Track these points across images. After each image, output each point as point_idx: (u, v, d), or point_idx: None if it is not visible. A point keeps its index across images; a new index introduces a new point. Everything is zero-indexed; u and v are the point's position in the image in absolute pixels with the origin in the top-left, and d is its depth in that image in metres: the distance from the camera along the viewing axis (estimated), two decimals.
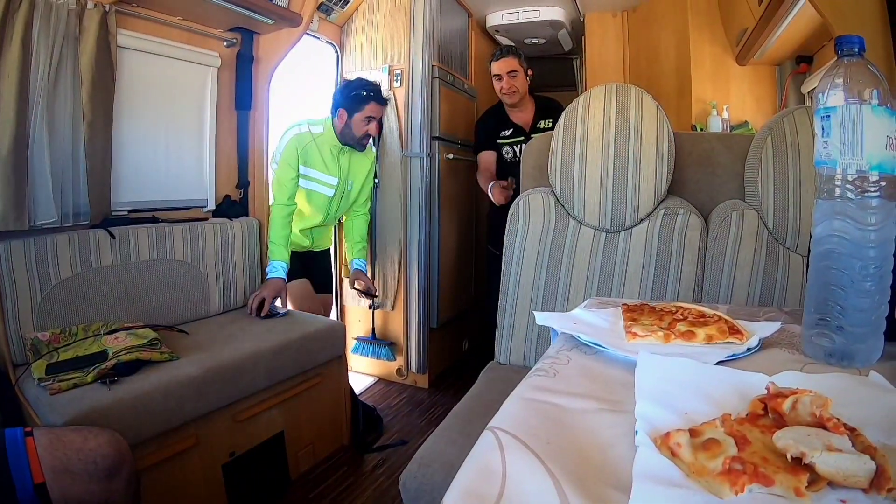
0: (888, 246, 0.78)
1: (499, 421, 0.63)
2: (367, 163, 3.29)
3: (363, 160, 3.25)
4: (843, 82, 0.78)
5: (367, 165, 3.29)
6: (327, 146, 3.05)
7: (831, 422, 0.51)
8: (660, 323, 0.92)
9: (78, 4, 2.13)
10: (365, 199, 3.37)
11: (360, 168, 3.25)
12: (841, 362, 0.80)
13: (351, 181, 3.21)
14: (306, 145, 2.99)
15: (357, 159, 3.21)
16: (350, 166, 3.18)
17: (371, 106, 2.99)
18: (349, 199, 3.27)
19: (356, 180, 3.24)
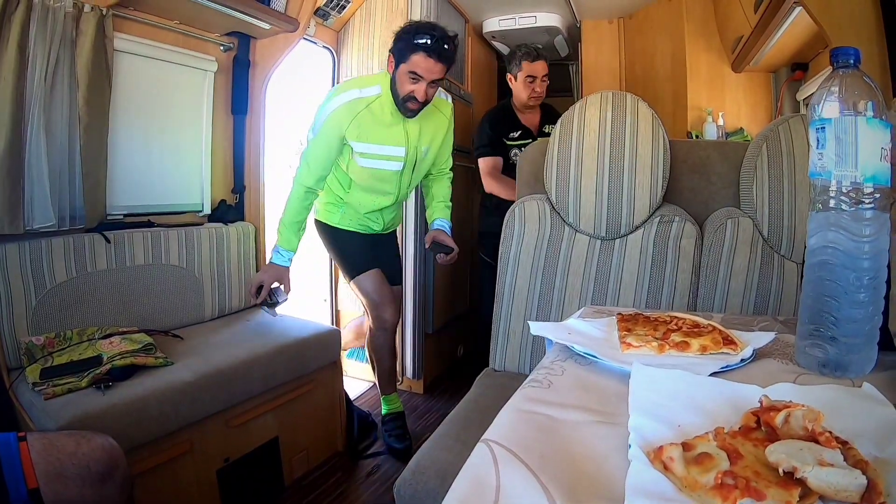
0: (882, 257, 0.79)
1: (493, 433, 0.63)
2: (442, 122, 2.67)
3: (437, 119, 2.64)
4: (838, 94, 0.79)
5: (442, 125, 2.68)
6: (388, 110, 2.47)
7: (823, 436, 0.52)
8: (654, 333, 0.92)
9: (75, 8, 2.13)
10: (445, 161, 2.84)
11: (435, 130, 2.65)
12: (835, 373, 0.80)
13: (426, 147, 2.63)
14: (358, 115, 2.43)
15: (430, 120, 2.60)
16: (421, 131, 2.58)
17: (418, 58, 2.33)
18: (423, 168, 2.73)
19: (433, 145, 2.66)
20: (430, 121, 2.60)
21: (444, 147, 2.76)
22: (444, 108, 2.68)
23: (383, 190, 2.68)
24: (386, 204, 2.74)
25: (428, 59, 2.32)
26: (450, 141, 2.77)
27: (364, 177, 2.62)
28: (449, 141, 2.76)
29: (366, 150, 2.50)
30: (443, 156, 2.79)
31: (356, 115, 2.42)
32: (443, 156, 2.79)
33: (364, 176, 2.61)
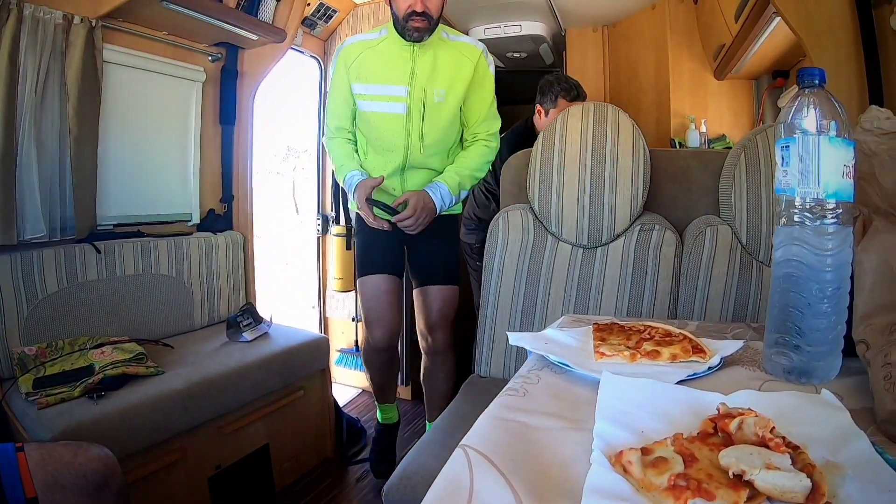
0: (845, 269, 0.82)
1: (470, 439, 0.67)
2: (465, 66, 2.29)
3: (459, 61, 2.29)
4: (803, 113, 0.82)
5: (466, 70, 2.29)
6: (394, 48, 2.26)
7: (773, 441, 0.55)
8: (627, 342, 0.96)
9: (65, 19, 2.16)
10: (479, 122, 2.38)
11: (456, 73, 2.28)
12: (800, 379, 0.83)
13: (441, 90, 2.26)
14: (360, 55, 2.29)
15: (448, 60, 2.27)
16: (436, 70, 2.26)
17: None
18: (443, 118, 2.31)
19: (452, 91, 2.28)
20: (448, 60, 2.28)
21: (474, 101, 2.35)
22: (469, 52, 2.31)
23: (392, 143, 2.33)
24: (396, 164, 2.34)
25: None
26: (484, 96, 2.36)
27: (370, 129, 2.37)
28: (482, 95, 2.35)
29: (365, 92, 2.29)
30: (474, 113, 2.37)
31: (358, 56, 2.29)
32: (474, 113, 2.37)
33: (370, 128, 2.36)
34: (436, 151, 2.37)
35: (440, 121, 2.31)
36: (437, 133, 2.33)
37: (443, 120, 2.31)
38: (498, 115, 2.43)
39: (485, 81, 2.35)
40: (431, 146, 2.34)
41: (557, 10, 4.01)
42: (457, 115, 2.36)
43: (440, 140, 2.36)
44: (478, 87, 2.33)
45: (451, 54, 2.28)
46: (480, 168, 2.39)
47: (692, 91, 3.70)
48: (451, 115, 2.33)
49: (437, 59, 2.26)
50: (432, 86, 2.25)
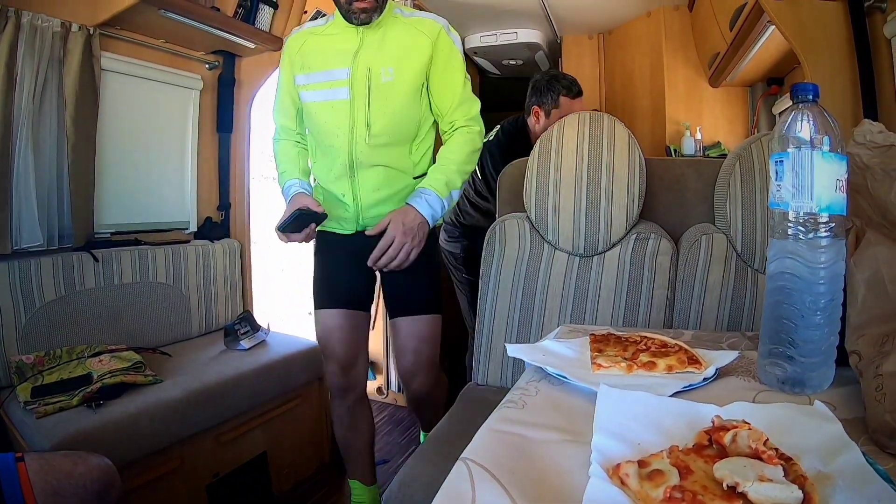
0: (838, 281, 0.83)
1: (470, 452, 0.68)
2: (422, 44, 1.96)
3: (414, 38, 1.97)
4: (796, 129, 0.83)
5: (422, 48, 1.96)
6: (339, 31, 1.99)
7: (766, 454, 0.57)
8: (623, 353, 0.97)
9: (62, 27, 2.17)
10: (449, 107, 2.03)
11: (409, 50, 1.97)
12: (794, 389, 0.84)
13: (391, 68, 1.94)
14: (302, 46, 2.05)
15: (400, 37, 1.97)
16: (383, 47, 1.96)
17: None
18: (396, 101, 1.96)
19: (405, 70, 1.95)
20: (399, 36, 1.97)
21: (443, 84, 2.02)
22: (427, 28, 1.98)
23: (335, 137, 1.99)
24: (343, 160, 1.99)
25: None
26: (453, 77, 2.02)
27: (313, 123, 2.07)
28: (451, 77, 2.02)
29: (307, 82, 2.02)
30: (445, 98, 2.03)
31: (302, 45, 2.04)
32: (445, 98, 2.03)
33: (313, 122, 2.07)
34: (389, 142, 1.98)
35: (390, 104, 1.96)
36: (386, 118, 1.96)
37: (394, 102, 1.96)
38: (475, 97, 2.10)
39: (451, 60, 2.02)
40: (382, 135, 1.96)
41: (553, 18, 4.02)
42: (414, 100, 1.99)
43: (392, 127, 1.98)
44: (443, 68, 2.00)
45: (405, 30, 1.98)
46: (468, 159, 2.02)
47: (687, 98, 3.73)
48: (405, 97, 1.97)
49: (386, 35, 1.96)
50: (379, 63, 1.93)
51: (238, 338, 2.56)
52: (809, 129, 0.82)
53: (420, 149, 2.09)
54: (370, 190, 2.02)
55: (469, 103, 2.06)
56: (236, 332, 2.57)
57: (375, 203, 2.03)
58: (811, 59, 2.10)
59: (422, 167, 2.09)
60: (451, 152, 2.01)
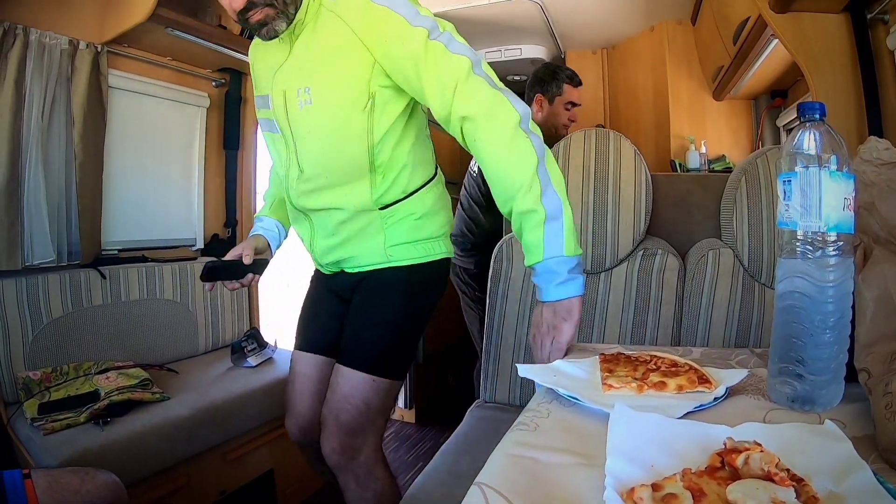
0: (846, 299, 0.83)
1: (485, 477, 0.68)
2: (337, 28, 1.42)
3: (331, 26, 1.44)
4: (804, 148, 0.84)
5: (338, 33, 1.42)
6: (276, 43, 1.51)
7: (778, 476, 0.57)
8: (634, 374, 0.97)
9: (70, 45, 2.19)
10: (440, 95, 1.36)
11: (328, 47, 1.45)
12: (804, 407, 0.84)
13: (307, 87, 1.46)
14: (253, 59, 1.69)
15: (322, 31, 1.46)
16: (308, 51, 1.48)
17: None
18: (321, 132, 1.49)
19: (323, 78, 1.45)
20: (320, 38, 1.47)
21: (397, 74, 1.43)
22: (341, 7, 1.43)
23: (283, 175, 1.66)
24: (291, 194, 1.64)
25: None
26: (404, 57, 1.38)
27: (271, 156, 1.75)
28: (399, 59, 1.39)
29: (257, 106, 1.67)
30: (417, 94, 1.44)
31: (253, 58, 1.70)
32: (417, 94, 1.44)
33: (270, 154, 1.75)
34: (329, 183, 1.55)
35: (315, 137, 1.51)
36: (315, 157, 1.54)
37: (319, 135, 1.51)
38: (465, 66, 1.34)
39: (386, 30, 1.38)
40: (317, 177, 1.55)
41: (557, 34, 4.04)
42: (350, 126, 1.47)
43: (327, 167, 1.53)
44: (388, 49, 1.40)
45: (327, 24, 1.46)
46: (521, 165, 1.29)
47: (691, 112, 3.72)
48: (335, 124, 1.48)
49: (311, 39, 1.48)
50: (294, 84, 1.48)
51: (245, 355, 2.56)
52: (816, 148, 0.83)
53: (388, 176, 1.55)
54: (323, 236, 1.65)
55: (468, 81, 1.35)
56: (243, 350, 2.57)
57: (329, 249, 1.66)
58: (814, 71, 2.10)
59: (393, 194, 1.57)
60: (498, 178, 1.35)
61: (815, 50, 2.09)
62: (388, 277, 1.62)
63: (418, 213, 1.61)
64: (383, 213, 1.57)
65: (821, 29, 2.07)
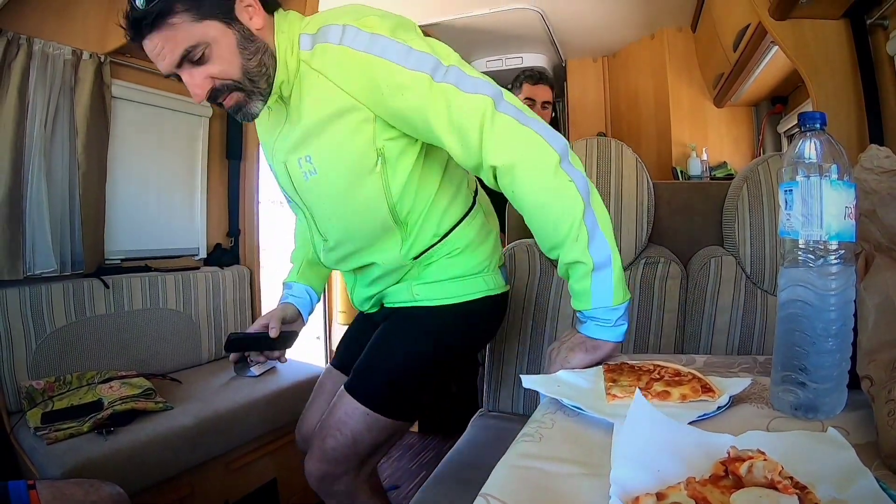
0: (849, 307, 0.84)
1: (490, 487, 0.68)
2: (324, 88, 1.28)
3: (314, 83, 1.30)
4: (804, 158, 0.84)
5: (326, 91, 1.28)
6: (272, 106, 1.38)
7: (781, 484, 0.57)
8: (637, 383, 0.97)
9: (74, 55, 2.20)
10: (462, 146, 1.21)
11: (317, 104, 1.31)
12: (807, 415, 0.84)
13: (307, 156, 1.35)
14: (257, 129, 1.56)
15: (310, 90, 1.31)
16: (297, 117, 1.35)
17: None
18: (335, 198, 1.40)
19: (321, 146, 1.33)
20: (308, 97, 1.32)
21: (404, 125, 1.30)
22: (329, 67, 1.27)
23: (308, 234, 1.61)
24: (321, 259, 1.61)
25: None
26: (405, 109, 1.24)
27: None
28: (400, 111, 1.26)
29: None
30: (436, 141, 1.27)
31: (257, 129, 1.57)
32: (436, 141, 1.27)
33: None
34: (358, 248, 1.48)
35: (328, 206, 1.44)
36: (335, 224, 1.46)
37: (333, 206, 1.43)
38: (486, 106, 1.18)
39: (377, 82, 1.24)
40: (344, 244, 1.49)
41: (558, 42, 4.06)
42: (363, 190, 1.37)
43: (350, 234, 1.46)
44: (382, 101, 1.26)
45: (313, 84, 1.31)
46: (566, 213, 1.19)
47: (692, 119, 3.74)
48: (348, 190, 1.38)
49: (300, 104, 1.34)
50: (294, 153, 1.38)
51: (248, 364, 2.54)
52: (817, 157, 0.83)
53: (416, 226, 1.44)
54: (363, 286, 1.59)
55: (494, 124, 1.19)
56: (246, 359, 2.56)
57: (369, 298, 1.61)
58: (815, 78, 2.11)
59: (424, 241, 1.46)
60: (541, 228, 1.25)
61: (815, 56, 2.10)
62: (415, 314, 1.52)
63: (455, 251, 1.49)
64: (419, 261, 1.48)
65: (820, 35, 2.08)
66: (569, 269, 1.23)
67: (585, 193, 1.20)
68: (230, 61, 1.26)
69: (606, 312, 1.21)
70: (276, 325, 1.59)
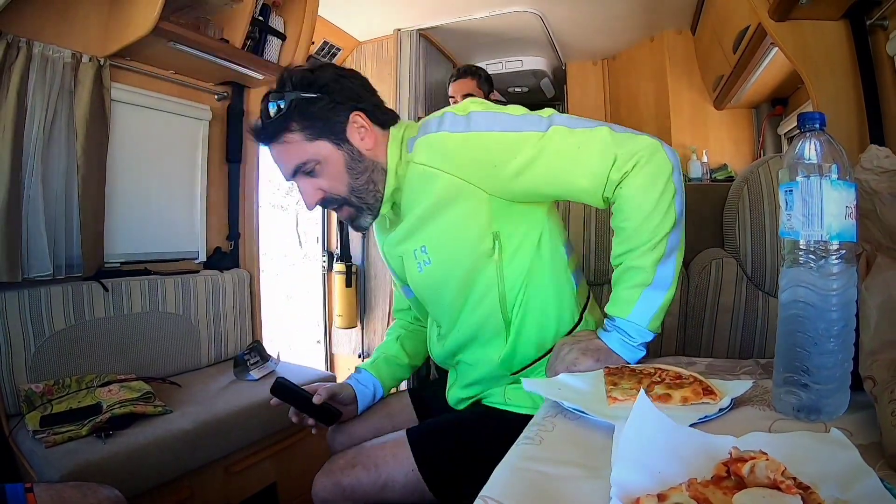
0: (850, 307, 0.83)
1: (489, 489, 0.68)
2: (433, 176, 1.32)
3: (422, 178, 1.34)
4: (805, 158, 0.84)
5: (436, 179, 1.31)
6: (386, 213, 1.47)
7: (784, 484, 0.56)
8: (638, 386, 0.96)
9: (73, 58, 2.19)
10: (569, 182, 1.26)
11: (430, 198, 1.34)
12: (809, 417, 0.84)
13: (423, 247, 1.39)
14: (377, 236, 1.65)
15: (413, 188, 1.38)
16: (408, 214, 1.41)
17: None
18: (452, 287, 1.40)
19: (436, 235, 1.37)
20: (415, 195, 1.38)
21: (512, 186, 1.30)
22: (430, 156, 1.33)
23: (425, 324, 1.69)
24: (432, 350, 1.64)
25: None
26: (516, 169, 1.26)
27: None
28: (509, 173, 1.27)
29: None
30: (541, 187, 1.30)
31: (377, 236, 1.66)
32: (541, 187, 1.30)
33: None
34: (466, 339, 1.47)
35: (446, 293, 1.43)
36: (452, 313, 1.46)
37: (447, 290, 1.43)
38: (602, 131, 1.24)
39: (491, 155, 1.28)
40: (454, 334, 1.49)
41: (558, 45, 4.06)
42: (477, 276, 1.38)
43: (461, 324, 1.46)
44: (495, 173, 1.29)
45: (423, 177, 1.35)
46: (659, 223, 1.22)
47: (692, 121, 3.75)
48: (460, 281, 1.39)
49: (413, 199, 1.40)
50: (408, 246, 1.43)
51: (248, 368, 2.55)
52: (817, 157, 0.83)
53: (521, 332, 1.42)
54: (461, 387, 1.56)
55: (616, 140, 1.24)
56: (246, 363, 2.56)
57: (464, 400, 1.58)
58: (815, 79, 2.10)
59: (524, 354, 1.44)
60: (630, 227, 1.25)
61: (814, 57, 2.09)
62: (505, 418, 1.42)
63: None
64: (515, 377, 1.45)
65: (820, 36, 2.07)
66: (625, 273, 1.25)
67: (680, 213, 1.25)
68: (338, 179, 1.37)
69: (636, 331, 1.22)
70: (322, 395, 1.55)
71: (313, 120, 1.33)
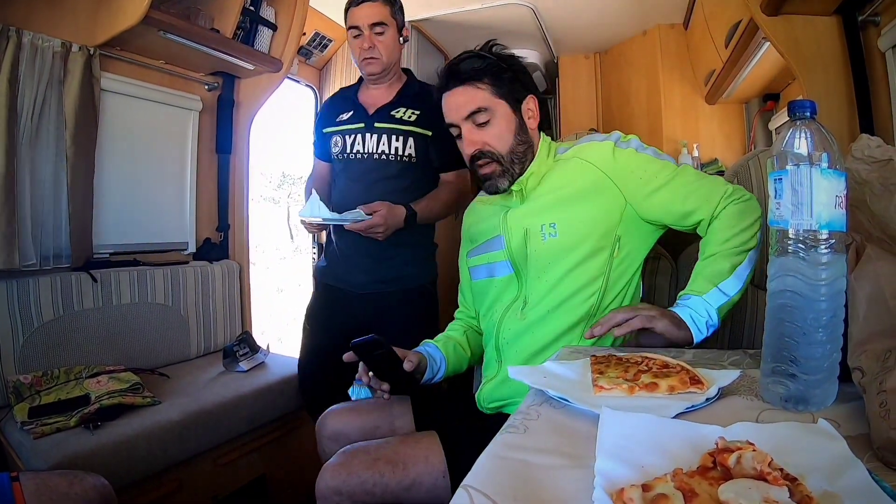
0: (839, 297, 0.83)
1: (472, 479, 0.67)
2: (582, 168, 1.55)
3: (576, 170, 1.56)
4: (794, 146, 0.83)
5: (584, 175, 1.54)
6: (503, 196, 1.64)
7: (770, 475, 0.56)
8: (625, 375, 0.96)
9: (63, 48, 2.17)
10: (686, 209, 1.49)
11: (573, 186, 1.54)
12: (797, 407, 0.84)
13: (552, 223, 1.52)
14: (468, 223, 1.83)
15: (558, 175, 1.59)
16: (544, 195, 1.58)
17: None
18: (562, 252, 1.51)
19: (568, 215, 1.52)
20: (564, 177, 1.56)
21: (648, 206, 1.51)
22: (590, 153, 1.56)
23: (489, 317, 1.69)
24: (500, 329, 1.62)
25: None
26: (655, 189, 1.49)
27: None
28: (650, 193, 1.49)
29: (471, 260, 1.77)
30: (667, 215, 1.52)
31: (470, 216, 1.83)
32: (667, 215, 1.52)
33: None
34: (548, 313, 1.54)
35: (556, 264, 1.53)
36: (549, 283, 1.54)
37: (559, 261, 1.52)
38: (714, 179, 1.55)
39: (638, 166, 1.51)
40: (539, 306, 1.55)
41: (550, 38, 4.05)
42: (590, 264, 1.51)
43: (551, 300, 1.53)
44: (639, 185, 1.50)
45: (568, 168, 1.57)
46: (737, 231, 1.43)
47: (684, 116, 3.75)
48: (575, 261, 1.51)
49: (551, 183, 1.58)
50: (535, 221, 1.55)
51: (237, 359, 2.54)
52: (807, 146, 0.82)
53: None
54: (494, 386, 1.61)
55: (710, 187, 1.49)
56: (235, 354, 2.55)
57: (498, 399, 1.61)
58: (806, 74, 2.11)
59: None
60: (724, 237, 1.44)
61: (806, 52, 2.10)
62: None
63: None
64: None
65: (812, 31, 2.08)
66: (709, 266, 1.44)
67: (760, 244, 1.45)
68: (504, 137, 1.55)
69: (707, 309, 1.37)
70: (413, 362, 1.59)
71: (503, 83, 1.53)
